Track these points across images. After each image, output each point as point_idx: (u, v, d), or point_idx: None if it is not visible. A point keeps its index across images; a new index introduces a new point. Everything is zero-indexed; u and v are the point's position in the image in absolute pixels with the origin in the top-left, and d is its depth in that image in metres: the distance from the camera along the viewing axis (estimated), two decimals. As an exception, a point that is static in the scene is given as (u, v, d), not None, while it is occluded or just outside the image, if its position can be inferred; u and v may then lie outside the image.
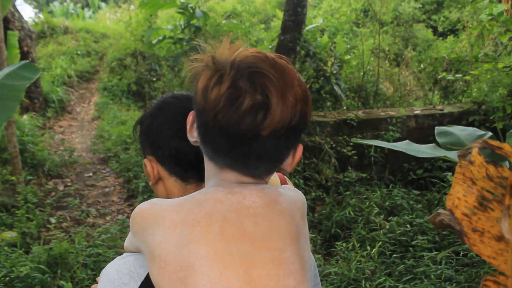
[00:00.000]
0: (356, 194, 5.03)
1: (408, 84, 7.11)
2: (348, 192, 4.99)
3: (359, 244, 4.12)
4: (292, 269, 0.78)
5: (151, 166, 1.01)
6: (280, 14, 6.47)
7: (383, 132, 5.55)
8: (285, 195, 0.85)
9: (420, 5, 11.20)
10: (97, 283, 0.95)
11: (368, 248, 4.09)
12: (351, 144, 5.33)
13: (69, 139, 8.15)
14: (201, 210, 0.79)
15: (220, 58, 0.79)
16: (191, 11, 6.27)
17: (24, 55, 8.60)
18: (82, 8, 20.88)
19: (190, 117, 0.87)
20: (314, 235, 4.25)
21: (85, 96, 10.45)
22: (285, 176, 1.62)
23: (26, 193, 4.89)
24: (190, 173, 0.99)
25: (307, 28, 5.51)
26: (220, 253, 0.75)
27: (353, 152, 5.29)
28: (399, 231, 4.19)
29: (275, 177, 1.51)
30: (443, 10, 11.52)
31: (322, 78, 5.90)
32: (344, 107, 6.25)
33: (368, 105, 6.69)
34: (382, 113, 5.88)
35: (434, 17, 11.36)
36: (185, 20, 6.47)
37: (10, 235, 4.33)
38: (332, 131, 5.56)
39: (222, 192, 0.81)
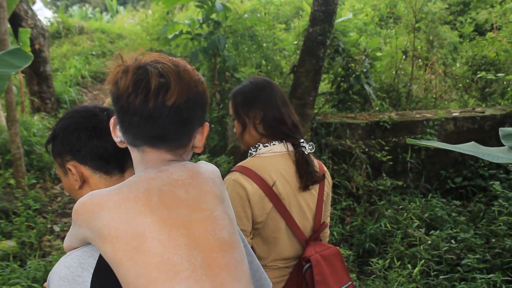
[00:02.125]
0: (391, 204, 4.52)
1: (444, 84, 6.56)
2: (382, 202, 4.48)
3: (399, 263, 3.60)
4: (224, 224, 0.94)
5: (75, 170, 1.09)
6: (308, 7, 5.99)
7: (420, 136, 5.02)
8: (203, 167, 1.00)
9: (447, 6, 10.68)
10: None
11: (409, 266, 3.58)
12: (386, 148, 4.81)
13: (80, 141, 7.78)
14: (139, 188, 0.91)
15: (126, 59, 0.96)
16: (211, 4, 5.84)
17: (35, 53, 8.27)
18: (101, 12, 20.75)
19: (112, 121, 1.01)
20: (345, 250, 3.75)
21: (98, 97, 10.10)
22: (321, 162, 1.78)
23: (29, 198, 4.48)
24: (112, 165, 1.09)
25: (336, 21, 5.03)
26: (164, 219, 0.88)
27: (387, 157, 4.77)
28: (444, 248, 3.66)
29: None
30: (470, 12, 10.99)
31: (352, 76, 5.40)
32: (376, 108, 5.74)
33: (399, 106, 6.17)
34: (418, 115, 5.36)
35: (460, 18, 10.82)
36: (204, 14, 6.03)
37: (8, 244, 3.92)
38: (364, 134, 5.06)
39: (152, 172, 0.94)
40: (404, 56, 6.47)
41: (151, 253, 0.85)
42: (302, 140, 1.73)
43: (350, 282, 1.73)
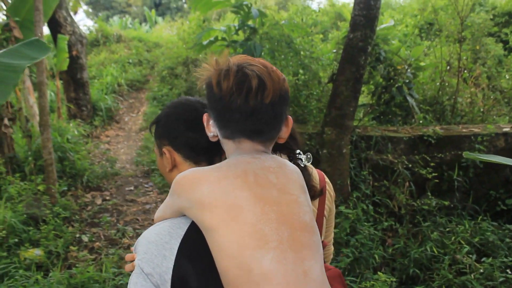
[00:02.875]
0: (436, 226, 4.18)
1: (491, 98, 6.15)
2: (427, 223, 4.15)
3: (448, 292, 3.29)
4: (306, 210, 1.04)
5: (169, 154, 1.22)
6: (347, 13, 5.74)
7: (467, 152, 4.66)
8: (288, 162, 1.13)
9: (491, 17, 10.19)
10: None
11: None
12: (432, 164, 4.49)
13: (114, 149, 7.74)
14: (237, 168, 1.02)
15: (220, 62, 1.05)
16: (246, 10, 5.68)
17: (73, 59, 8.34)
18: (140, 23, 21.10)
19: (205, 117, 1.12)
20: (387, 276, 3.45)
21: (134, 106, 10.11)
22: (323, 173, 1.71)
23: (58, 206, 4.39)
24: (202, 156, 1.20)
25: (378, 28, 4.77)
26: (258, 196, 0.98)
27: (432, 175, 4.44)
28: (500, 279, 3.31)
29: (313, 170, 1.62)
30: (516, 23, 10.46)
31: (395, 87, 5.11)
32: (419, 122, 5.41)
33: (443, 120, 5.81)
34: (464, 130, 5.01)
35: (505, 30, 10.29)
36: (240, 20, 5.88)
37: (35, 253, 3.82)
38: (406, 149, 4.75)
39: (248, 157, 1.04)
40: (448, 67, 6.11)
41: (246, 223, 0.95)
42: (298, 151, 1.59)
43: None
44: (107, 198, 5.41)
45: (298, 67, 5.23)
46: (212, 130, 1.09)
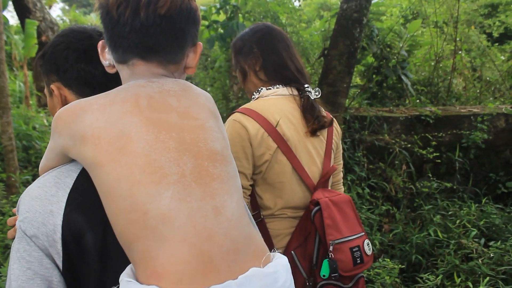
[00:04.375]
0: (437, 210, 3.85)
1: (488, 79, 5.87)
2: (428, 207, 3.80)
3: (459, 279, 2.94)
4: (217, 136, 0.86)
5: (58, 92, 1.02)
6: (332, 2, 5.39)
7: (467, 132, 4.35)
8: (195, 86, 0.94)
9: (476, 7, 10.01)
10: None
11: (470, 284, 2.91)
12: (434, 144, 4.15)
13: (87, 140, 7.24)
14: (127, 92, 0.84)
15: None
16: (228, -14, 5.28)
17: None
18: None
19: (100, 43, 0.94)
20: (392, 261, 3.08)
21: (109, 96, 9.59)
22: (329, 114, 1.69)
23: (18, 196, 3.91)
24: (98, 93, 0.88)
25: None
26: (152, 120, 0.80)
27: (434, 155, 4.11)
28: (509, 263, 2.99)
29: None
30: (498, 15, 10.31)
31: (390, 65, 4.77)
32: (414, 104, 5.08)
33: (438, 102, 5.50)
34: (463, 110, 4.70)
35: (488, 21, 10.12)
36: (221, -1, 5.49)
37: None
38: (403, 130, 4.40)
39: (142, 81, 0.87)
40: (442, 48, 5.81)
41: (136, 154, 0.77)
42: (307, 85, 1.63)
43: (363, 233, 1.56)
44: (78, 188, 4.94)
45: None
46: (107, 57, 0.93)
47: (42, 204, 0.83)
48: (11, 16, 13.32)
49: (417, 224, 3.80)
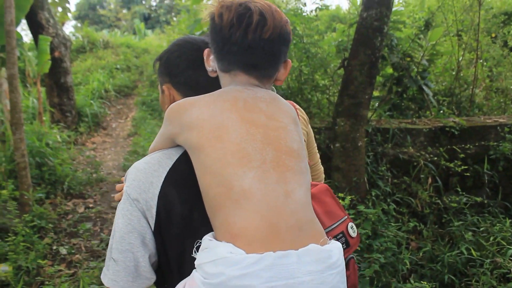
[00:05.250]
0: (466, 226, 3.64)
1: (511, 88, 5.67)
2: (457, 223, 3.61)
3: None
4: (294, 137, 1.02)
5: (168, 92, 1.20)
6: (343, 15, 5.27)
7: (495, 143, 4.16)
8: (282, 98, 1.10)
9: (490, 17, 9.82)
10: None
11: (509, 307, 2.71)
12: (461, 156, 3.97)
13: (100, 155, 7.15)
14: (228, 95, 1.02)
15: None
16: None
17: (56, 62, 7.79)
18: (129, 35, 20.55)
19: (206, 52, 1.11)
20: (420, 284, 2.89)
21: (122, 112, 9.53)
22: (293, 103, 1.65)
23: (32, 215, 3.81)
24: (200, 95, 1.06)
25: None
26: (245, 118, 0.98)
27: (462, 168, 3.92)
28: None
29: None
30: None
31: (413, 74, 4.61)
32: (434, 114, 4.90)
33: (460, 113, 5.32)
34: (488, 120, 4.51)
35: (504, 30, 9.92)
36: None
37: (2, 269, 3.23)
38: (427, 142, 4.23)
39: (240, 88, 1.04)
40: (462, 57, 5.63)
41: (230, 142, 0.95)
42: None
43: (346, 217, 1.57)
44: (91, 205, 4.81)
45: (302, 55, 4.71)
46: (211, 64, 1.10)
47: (146, 176, 1.02)
48: (25, 34, 13.38)
49: (446, 241, 3.60)
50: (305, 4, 5.14)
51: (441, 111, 5.07)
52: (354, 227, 1.58)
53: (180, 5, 11.56)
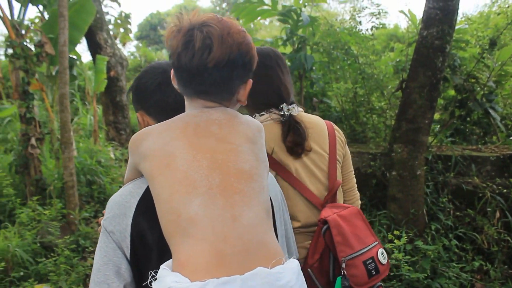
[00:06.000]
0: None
1: None
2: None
3: None
4: (247, 158, 1.01)
5: (142, 119, 1.26)
6: (413, 16, 5.00)
7: None
8: (242, 115, 1.10)
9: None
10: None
11: None
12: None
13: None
14: (180, 121, 1.04)
15: (183, 21, 1.06)
16: (296, 18, 5.04)
17: (112, 81, 7.98)
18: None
19: (172, 72, 1.11)
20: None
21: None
22: (330, 122, 1.75)
23: (77, 235, 3.78)
24: (171, 117, 1.09)
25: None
26: (193, 144, 0.99)
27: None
28: None
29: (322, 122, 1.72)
30: None
31: (478, 97, 4.26)
32: (504, 141, 4.49)
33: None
34: None
35: None
36: (288, 30, 5.25)
37: (44, 289, 3.20)
38: (495, 171, 3.85)
39: (195, 112, 1.06)
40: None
41: (177, 170, 0.96)
42: (282, 105, 1.66)
43: (377, 242, 1.58)
44: (137, 226, 4.76)
45: (357, 76, 4.48)
46: (176, 83, 1.11)
47: (119, 208, 1.05)
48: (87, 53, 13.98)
49: (517, 284, 3.22)
50: (360, 23, 4.87)
51: (510, 137, 4.65)
52: (385, 253, 1.57)
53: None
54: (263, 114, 1.67)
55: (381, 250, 1.56)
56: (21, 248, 3.36)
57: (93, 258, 3.77)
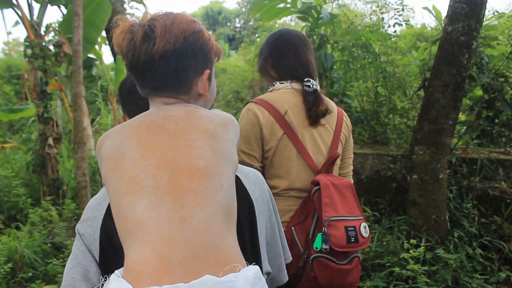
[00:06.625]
0: None
1: None
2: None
3: None
4: (203, 154, 0.92)
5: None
6: (437, 11, 4.78)
7: None
8: (205, 110, 1.02)
9: None
10: None
11: None
12: None
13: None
14: (136, 120, 1.00)
15: (127, 21, 1.02)
16: (316, 15, 4.90)
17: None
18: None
19: None
20: None
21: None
22: (341, 109, 1.92)
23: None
24: None
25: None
26: (143, 142, 0.93)
27: None
28: None
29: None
30: None
31: (505, 100, 4.04)
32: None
33: None
34: None
35: None
36: (308, 28, 5.11)
37: (50, 291, 3.15)
38: (524, 176, 3.62)
39: (153, 109, 1.02)
40: None
41: (125, 170, 0.90)
42: (306, 79, 1.78)
43: (362, 217, 1.64)
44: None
45: (378, 75, 4.31)
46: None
47: (92, 211, 1.04)
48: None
49: (547, 298, 3.00)
50: (382, 19, 4.69)
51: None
52: (367, 228, 1.63)
53: (257, 24, 11.57)
54: (283, 83, 1.81)
55: (364, 224, 1.63)
56: (31, 248, 3.33)
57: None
